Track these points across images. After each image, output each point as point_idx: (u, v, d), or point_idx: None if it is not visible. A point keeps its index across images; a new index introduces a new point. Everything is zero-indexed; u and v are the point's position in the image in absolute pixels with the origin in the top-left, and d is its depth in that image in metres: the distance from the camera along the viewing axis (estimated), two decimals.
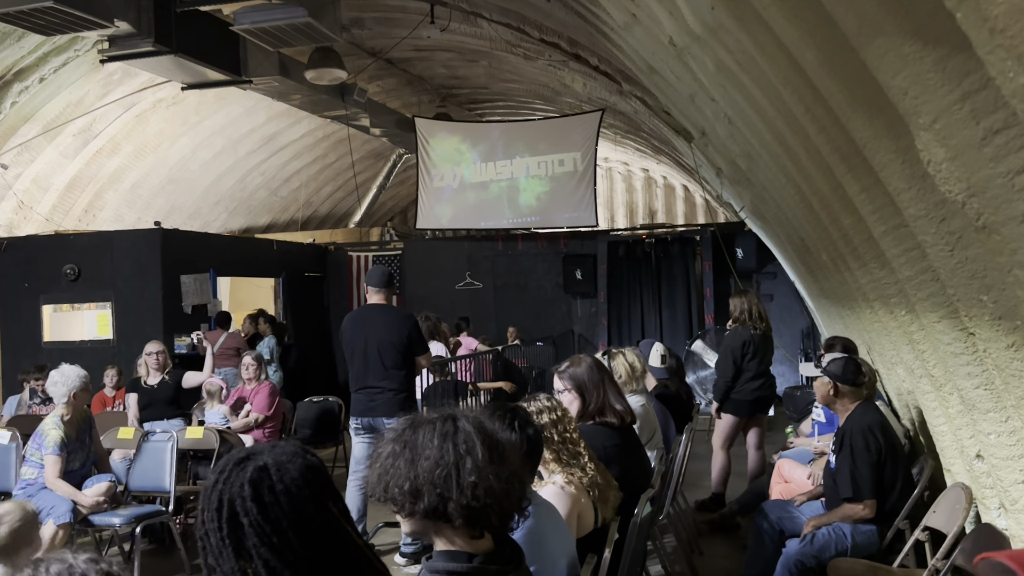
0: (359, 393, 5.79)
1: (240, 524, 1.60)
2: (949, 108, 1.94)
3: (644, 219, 18.14)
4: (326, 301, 13.66)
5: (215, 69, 8.51)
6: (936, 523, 3.81)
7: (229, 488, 1.63)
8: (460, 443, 1.82)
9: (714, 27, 3.58)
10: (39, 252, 10.13)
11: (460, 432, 1.84)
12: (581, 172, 12.32)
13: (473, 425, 1.87)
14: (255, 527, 1.60)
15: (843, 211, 3.85)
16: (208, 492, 1.65)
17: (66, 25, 6.75)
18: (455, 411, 1.91)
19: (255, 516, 1.60)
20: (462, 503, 1.78)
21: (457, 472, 1.79)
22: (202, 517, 1.65)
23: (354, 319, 5.95)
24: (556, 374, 3.96)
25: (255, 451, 1.70)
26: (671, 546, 5.50)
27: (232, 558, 1.60)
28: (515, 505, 1.89)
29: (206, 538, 1.64)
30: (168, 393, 7.21)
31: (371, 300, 5.94)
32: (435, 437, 1.83)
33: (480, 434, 1.85)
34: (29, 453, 5.41)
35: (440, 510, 1.79)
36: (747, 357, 6.38)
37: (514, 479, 1.87)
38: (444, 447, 1.81)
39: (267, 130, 13.00)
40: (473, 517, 1.81)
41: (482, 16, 8.73)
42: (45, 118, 10.17)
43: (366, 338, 5.74)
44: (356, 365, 5.80)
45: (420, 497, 1.79)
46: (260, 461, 1.66)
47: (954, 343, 3.11)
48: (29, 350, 9.92)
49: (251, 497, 1.61)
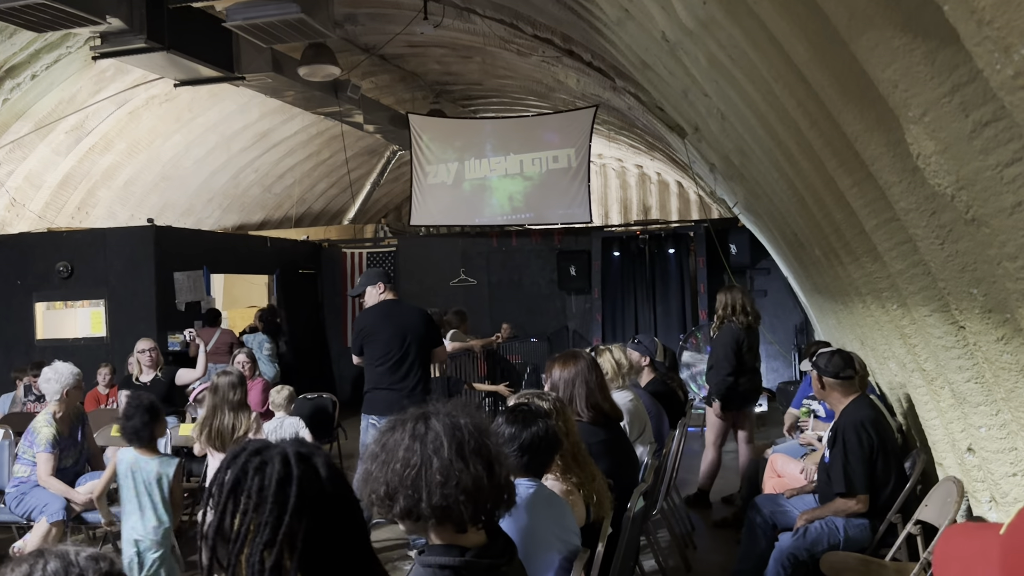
0: (385, 391, 5.63)
1: (281, 518, 1.58)
2: (939, 101, 1.95)
3: (638, 215, 18.15)
4: (320, 298, 13.64)
5: (208, 66, 8.48)
6: (928, 516, 3.83)
7: (272, 471, 1.61)
8: (428, 443, 1.85)
9: (706, 21, 3.59)
10: (32, 250, 10.10)
11: (430, 431, 1.86)
12: (575, 168, 12.32)
13: (443, 424, 1.87)
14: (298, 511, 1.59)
15: (835, 205, 3.86)
16: (235, 483, 1.63)
17: (58, 21, 6.72)
18: (431, 409, 1.92)
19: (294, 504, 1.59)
20: (433, 503, 1.80)
21: (426, 472, 1.81)
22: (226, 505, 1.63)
23: (383, 317, 5.77)
24: (547, 373, 3.99)
25: (267, 446, 1.68)
26: (665, 540, 5.52)
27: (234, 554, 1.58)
28: (490, 500, 1.88)
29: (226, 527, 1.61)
30: (161, 390, 7.19)
31: (385, 297, 5.84)
32: (406, 438, 1.86)
33: (450, 432, 1.86)
34: (22, 451, 5.40)
35: (413, 511, 1.82)
36: (742, 352, 6.41)
37: (490, 474, 1.87)
38: (412, 448, 1.84)
39: (260, 127, 12.97)
40: (444, 515, 1.82)
41: (475, 12, 8.73)
42: (37, 115, 10.12)
43: (399, 335, 5.65)
44: (386, 362, 5.65)
45: (395, 500, 1.83)
46: (279, 457, 1.64)
47: (945, 336, 3.12)
48: (22, 348, 9.88)
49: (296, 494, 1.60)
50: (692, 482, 6.80)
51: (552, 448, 2.90)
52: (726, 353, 6.46)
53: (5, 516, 5.41)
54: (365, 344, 5.74)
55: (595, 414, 3.86)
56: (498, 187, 12.86)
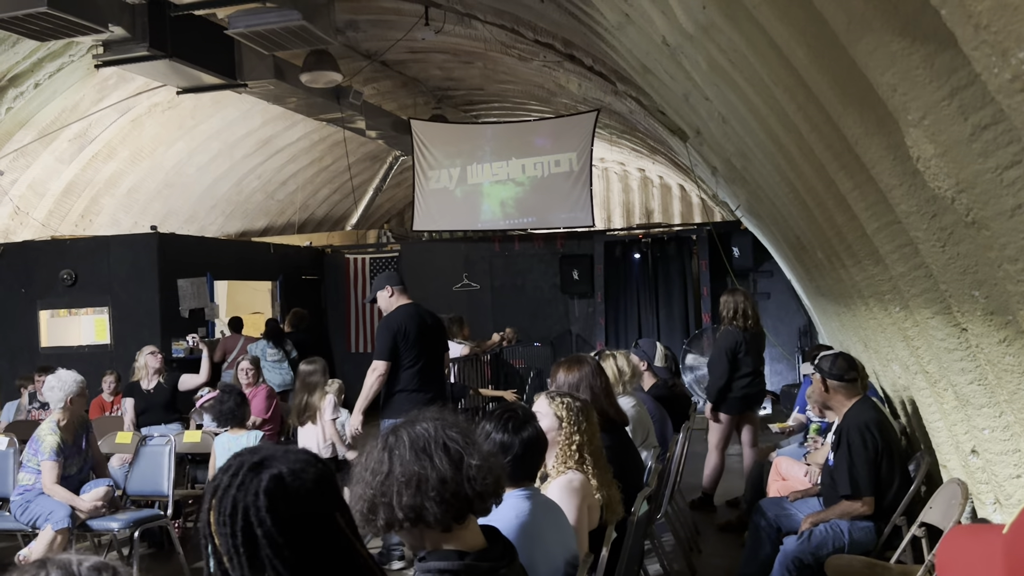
0: (417, 393, 5.50)
1: (254, 534, 1.59)
2: (937, 104, 1.95)
3: (641, 219, 18.15)
4: (323, 304, 13.65)
5: (210, 73, 8.51)
6: (932, 519, 3.82)
7: (244, 495, 1.61)
8: (394, 448, 1.89)
9: (706, 26, 3.59)
10: (36, 257, 10.13)
11: (399, 441, 1.90)
12: (577, 172, 12.33)
13: (408, 431, 1.91)
14: (268, 538, 1.59)
15: (837, 208, 3.86)
16: (220, 495, 1.64)
17: (60, 30, 6.76)
18: (408, 420, 1.96)
19: (269, 527, 1.60)
20: (403, 503, 1.83)
21: (391, 475, 1.85)
22: (209, 518, 1.65)
23: (413, 318, 5.66)
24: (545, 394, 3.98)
25: (268, 455, 1.68)
26: (669, 545, 5.51)
27: (246, 566, 1.60)
28: (462, 494, 1.88)
29: (211, 537, 1.64)
30: (165, 397, 7.21)
31: (403, 300, 5.75)
32: (376, 451, 1.91)
33: (412, 435, 1.89)
34: (26, 459, 5.40)
35: (391, 519, 1.85)
36: (740, 355, 6.42)
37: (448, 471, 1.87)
38: (381, 457, 1.89)
39: (263, 133, 13.00)
40: (417, 516, 1.84)
41: (476, 18, 8.75)
42: (40, 123, 10.16)
43: (430, 338, 5.67)
44: (419, 365, 5.55)
45: (376, 512, 1.86)
46: (275, 469, 1.64)
47: (947, 339, 3.12)
48: (26, 355, 9.91)
49: (267, 507, 1.60)
50: (696, 486, 6.79)
51: (543, 450, 2.91)
52: (720, 356, 6.49)
53: (10, 524, 5.41)
54: (407, 346, 5.55)
55: (601, 419, 3.86)
56: (500, 192, 12.87)
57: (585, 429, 3.23)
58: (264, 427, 7.00)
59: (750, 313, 6.51)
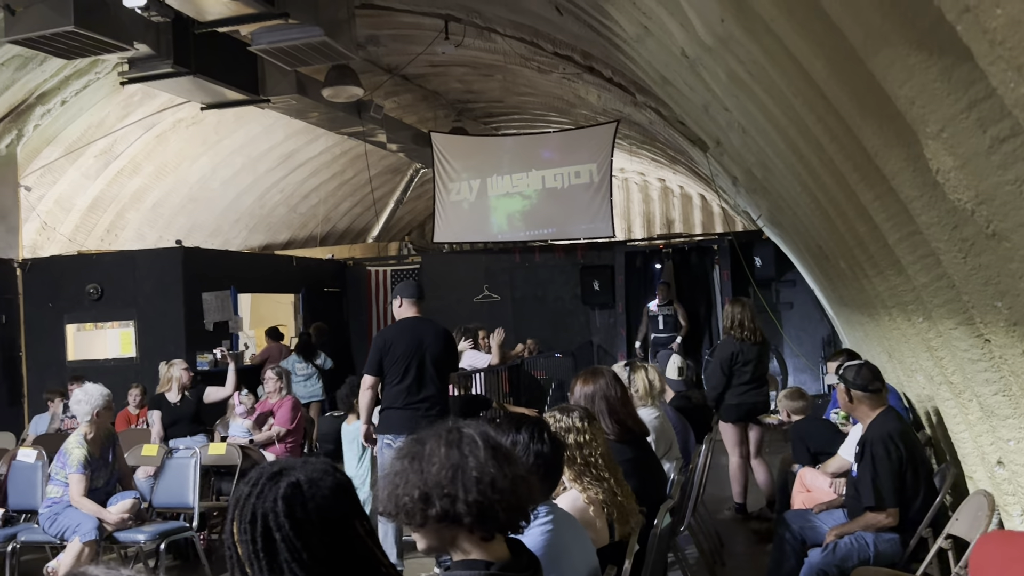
0: (406, 410, 5.47)
1: (273, 539, 1.64)
2: (956, 117, 1.95)
3: (661, 229, 18.11)
4: (345, 316, 13.73)
5: (233, 89, 8.61)
6: (959, 531, 3.78)
7: (263, 503, 1.67)
8: (464, 445, 1.88)
9: (725, 38, 3.61)
10: (62, 272, 10.27)
11: (464, 437, 1.90)
12: (597, 183, 12.34)
13: (476, 431, 1.92)
14: (287, 542, 1.64)
15: (858, 219, 3.85)
16: (241, 505, 1.69)
17: (87, 49, 6.87)
18: (460, 423, 1.96)
19: (287, 531, 1.64)
20: (469, 500, 1.82)
21: (462, 471, 1.84)
22: (232, 528, 1.69)
23: (405, 331, 5.62)
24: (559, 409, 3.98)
25: (287, 466, 1.73)
26: (693, 557, 5.48)
27: (265, 571, 1.64)
28: (522, 504, 1.91)
29: (235, 547, 1.68)
30: (191, 409, 7.28)
31: (408, 313, 5.72)
32: (441, 446, 1.89)
33: (483, 437, 1.90)
34: (54, 472, 5.47)
35: (450, 512, 1.83)
36: (737, 365, 6.43)
37: (519, 480, 1.91)
38: (450, 452, 1.87)
39: (285, 148, 13.12)
40: (482, 514, 1.84)
41: (496, 31, 8.80)
42: (67, 140, 10.32)
43: (423, 352, 5.53)
44: (407, 380, 5.49)
45: (430, 502, 1.83)
46: (293, 477, 1.69)
47: (971, 349, 3.10)
48: (54, 369, 10.03)
49: (284, 513, 1.65)
50: (720, 497, 6.76)
51: (562, 465, 2.92)
52: (715, 366, 6.57)
53: (39, 536, 5.48)
54: (385, 361, 5.57)
55: (620, 429, 3.86)
56: (520, 203, 12.90)
57: (588, 442, 3.21)
58: (287, 439, 7.06)
59: (747, 324, 6.54)
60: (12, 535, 5.55)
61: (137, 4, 6.64)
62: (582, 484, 3.14)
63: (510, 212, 12.91)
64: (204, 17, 6.97)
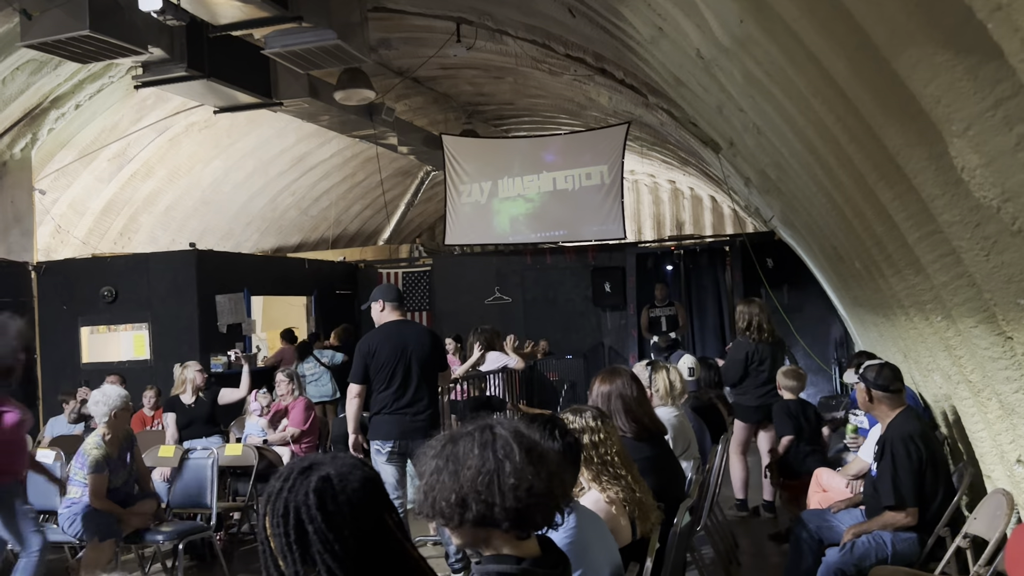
0: (395, 415, 5.41)
1: (305, 531, 1.67)
2: (982, 115, 1.96)
3: (672, 231, 18.11)
4: (357, 318, 13.75)
5: (246, 92, 8.65)
6: (977, 530, 3.78)
7: (295, 496, 1.70)
8: (499, 449, 1.87)
9: (743, 39, 3.62)
10: (76, 275, 10.32)
11: (498, 439, 1.89)
12: (608, 185, 12.35)
13: (509, 431, 1.92)
14: (319, 534, 1.67)
15: (876, 218, 3.85)
16: (273, 499, 1.72)
17: (101, 53, 6.90)
18: (491, 420, 1.96)
19: (319, 524, 1.67)
20: (507, 506, 1.83)
21: (499, 478, 1.84)
22: (264, 522, 1.73)
23: (389, 336, 5.54)
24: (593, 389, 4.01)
25: (317, 461, 1.77)
26: (709, 557, 5.49)
27: (298, 562, 1.67)
28: (558, 503, 1.94)
29: (268, 542, 1.71)
30: (206, 411, 7.31)
31: (390, 317, 5.64)
32: (475, 447, 1.88)
33: (517, 438, 1.90)
34: (72, 472, 5.51)
35: (488, 516, 1.84)
36: (753, 365, 6.52)
37: (554, 478, 1.92)
38: (484, 455, 1.86)
39: (297, 151, 13.16)
40: (519, 519, 1.85)
41: (507, 33, 8.82)
42: (81, 144, 10.37)
43: (408, 356, 5.45)
44: (393, 385, 5.42)
45: (467, 507, 1.84)
46: (323, 471, 1.73)
47: (992, 348, 3.11)
48: (68, 372, 10.09)
49: (316, 505, 1.68)
50: (733, 497, 6.77)
51: (578, 464, 2.95)
52: (727, 368, 6.70)
53: (58, 536, 5.51)
54: (370, 367, 5.48)
55: (638, 427, 3.87)
56: (531, 205, 12.91)
57: (603, 440, 3.22)
58: (302, 440, 7.08)
59: (764, 325, 6.57)
60: None
61: (152, 8, 6.67)
62: (600, 484, 3.16)
63: (513, 215, 12.92)
64: (218, 21, 7.01)
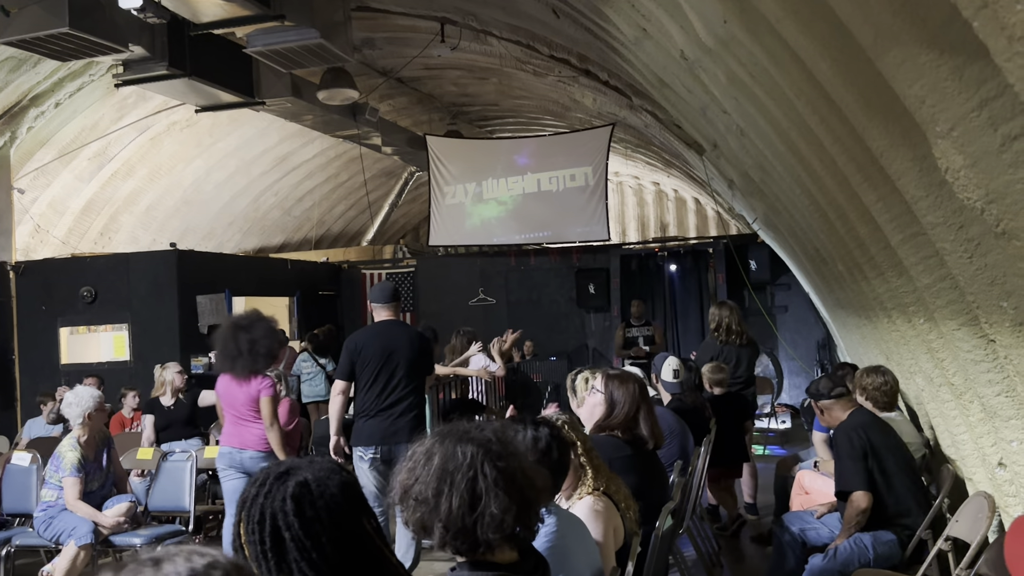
0: (375, 418, 5.27)
1: (282, 538, 1.64)
2: (967, 116, 1.95)
3: (656, 232, 18.13)
4: (340, 319, 13.69)
5: (228, 91, 8.58)
6: (959, 532, 3.78)
7: (271, 502, 1.66)
8: (476, 476, 1.84)
9: (726, 40, 3.60)
10: (56, 275, 10.21)
11: (433, 455, 1.86)
12: (592, 186, 12.35)
13: (482, 450, 1.87)
14: (296, 541, 1.63)
15: (859, 220, 3.85)
16: (248, 505, 1.68)
17: (81, 50, 6.83)
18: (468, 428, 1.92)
19: (296, 530, 1.64)
20: (490, 537, 1.83)
21: (481, 515, 1.82)
22: (238, 529, 1.69)
23: (373, 337, 5.42)
24: (604, 375, 3.97)
25: (294, 465, 1.73)
26: (691, 559, 5.47)
27: (273, 571, 1.63)
28: (537, 512, 1.92)
29: (242, 549, 1.66)
30: (185, 413, 7.24)
31: (380, 316, 5.54)
32: (418, 452, 1.88)
33: (445, 456, 1.86)
34: (48, 475, 5.44)
35: (472, 541, 1.84)
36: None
37: (533, 491, 1.90)
38: (460, 484, 1.83)
39: (280, 151, 13.08)
40: (502, 539, 1.85)
41: (492, 34, 8.79)
42: (60, 142, 10.27)
43: (393, 358, 5.33)
44: (376, 387, 5.29)
45: (458, 538, 1.84)
46: (301, 476, 1.69)
47: (974, 350, 3.10)
48: (47, 373, 9.97)
49: (293, 512, 1.64)
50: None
51: (566, 469, 2.93)
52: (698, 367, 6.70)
53: (33, 540, 5.44)
54: (356, 364, 5.37)
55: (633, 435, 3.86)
56: (515, 207, 12.89)
57: (573, 442, 3.19)
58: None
59: (734, 327, 6.66)
60: (7, 539, 5.51)
61: (132, 5, 6.60)
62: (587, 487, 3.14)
63: (497, 216, 12.91)
64: (200, 19, 6.95)
